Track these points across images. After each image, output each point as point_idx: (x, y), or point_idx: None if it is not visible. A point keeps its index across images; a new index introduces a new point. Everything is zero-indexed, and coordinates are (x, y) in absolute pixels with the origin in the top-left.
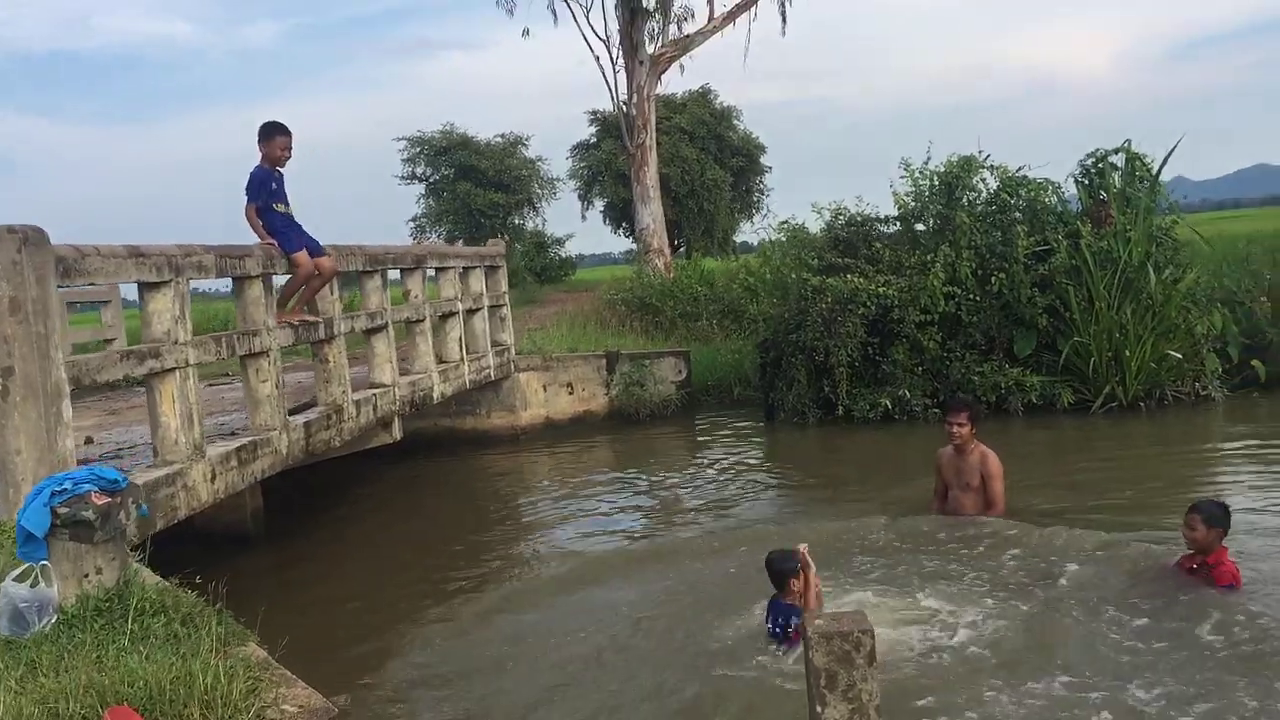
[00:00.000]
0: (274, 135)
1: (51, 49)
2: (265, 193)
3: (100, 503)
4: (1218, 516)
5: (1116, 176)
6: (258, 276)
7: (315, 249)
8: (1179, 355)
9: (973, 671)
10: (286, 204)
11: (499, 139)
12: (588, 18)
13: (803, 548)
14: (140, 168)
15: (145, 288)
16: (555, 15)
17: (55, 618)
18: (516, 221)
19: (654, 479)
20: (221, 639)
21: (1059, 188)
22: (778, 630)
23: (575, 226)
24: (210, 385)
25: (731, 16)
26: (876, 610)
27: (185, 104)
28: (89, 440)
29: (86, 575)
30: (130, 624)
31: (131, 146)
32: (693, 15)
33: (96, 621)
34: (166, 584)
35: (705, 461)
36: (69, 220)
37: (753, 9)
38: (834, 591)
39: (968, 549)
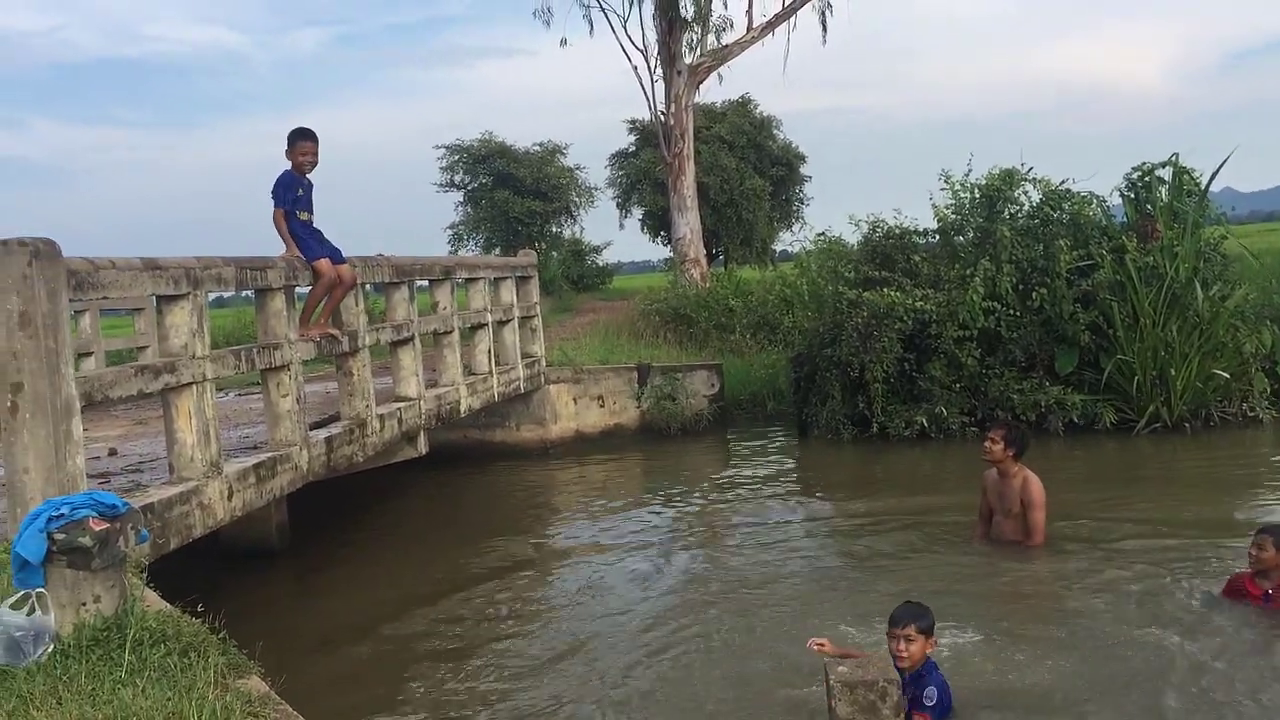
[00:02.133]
0: (299, 141)
1: (100, 57)
2: (291, 198)
3: (98, 528)
4: None
5: (1163, 191)
6: (280, 288)
7: (337, 257)
8: (1226, 375)
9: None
10: (310, 212)
11: (537, 147)
12: (625, 28)
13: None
14: (186, 173)
15: (163, 300)
16: (592, 25)
17: (51, 647)
18: (554, 229)
19: (686, 498)
20: (222, 670)
21: (1104, 201)
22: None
23: (613, 234)
24: (240, 394)
25: (770, 26)
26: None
27: (230, 110)
28: (112, 452)
29: (84, 603)
30: (128, 655)
31: (178, 153)
32: (731, 25)
33: (93, 652)
34: (170, 610)
35: (737, 480)
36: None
37: (792, 19)
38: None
39: (1014, 582)
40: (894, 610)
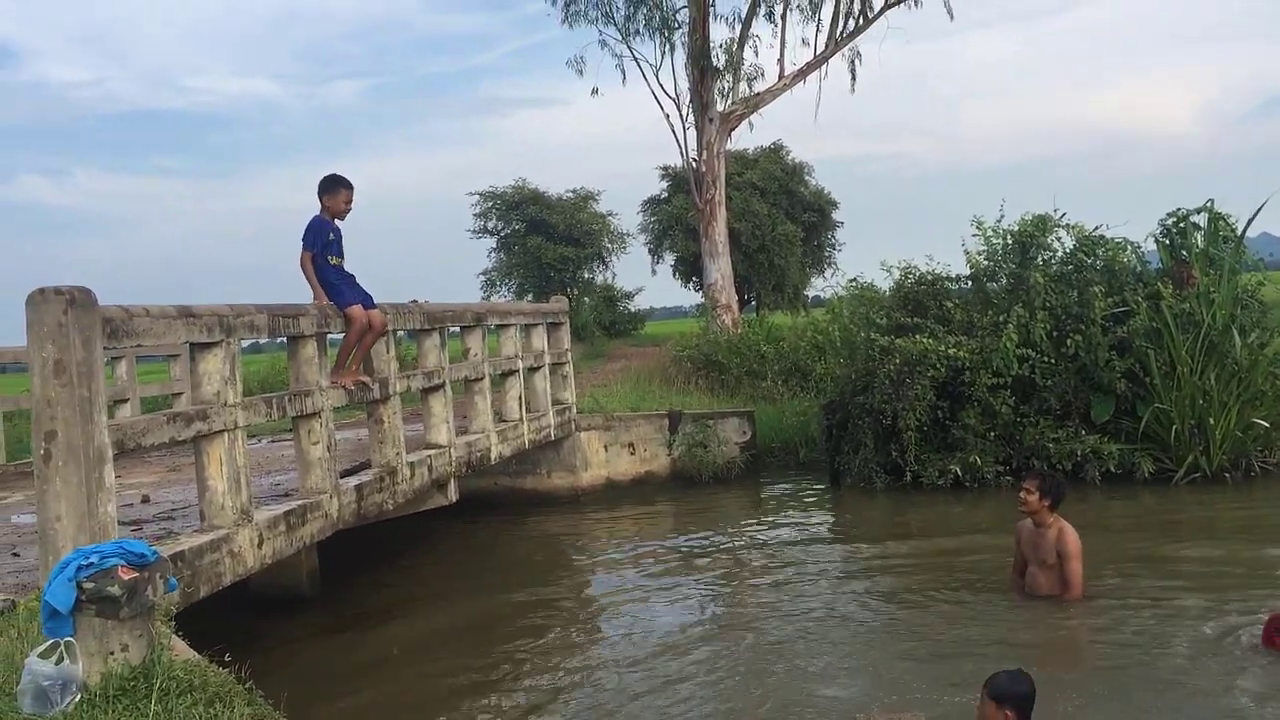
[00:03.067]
0: (338, 188)
1: (141, 109)
2: (322, 243)
3: (127, 577)
4: None
5: (1199, 236)
6: (311, 335)
7: (368, 303)
8: (1266, 424)
9: None
10: (341, 257)
11: (570, 194)
12: (657, 77)
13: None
14: (225, 221)
15: (195, 348)
16: (624, 74)
17: (79, 696)
18: (586, 275)
19: (718, 548)
20: None
21: (1138, 247)
22: None
23: (645, 280)
24: (273, 441)
25: (802, 74)
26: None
27: (268, 159)
28: (145, 499)
29: (112, 652)
30: (154, 705)
31: (217, 201)
32: (763, 74)
33: (120, 701)
34: (197, 660)
35: (770, 528)
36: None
37: (823, 67)
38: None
39: (1050, 636)
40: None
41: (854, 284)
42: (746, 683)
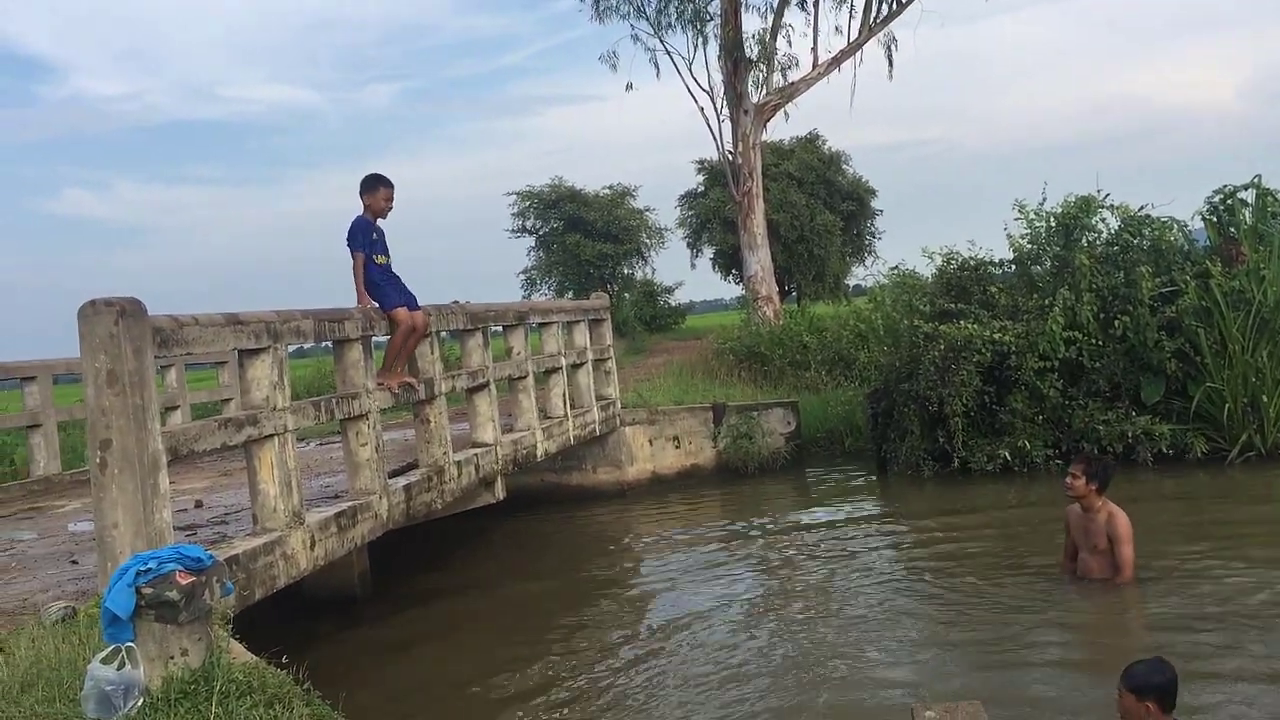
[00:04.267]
0: (378, 187)
1: (178, 119)
2: (367, 242)
3: (185, 582)
4: None
5: (1247, 213)
6: (357, 339)
7: (412, 304)
8: None
9: None
10: (387, 255)
11: (607, 190)
12: (690, 70)
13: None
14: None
15: (244, 354)
16: (658, 68)
17: (141, 701)
18: (626, 271)
19: (767, 539)
20: None
21: (1185, 226)
22: None
23: (685, 274)
24: (321, 444)
25: (836, 62)
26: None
27: (303, 165)
28: (199, 504)
29: (172, 657)
30: (214, 707)
31: (254, 208)
32: (797, 63)
33: (181, 705)
34: (255, 662)
35: (818, 519)
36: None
37: (858, 54)
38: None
39: (1100, 622)
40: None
41: (895, 271)
42: (801, 672)
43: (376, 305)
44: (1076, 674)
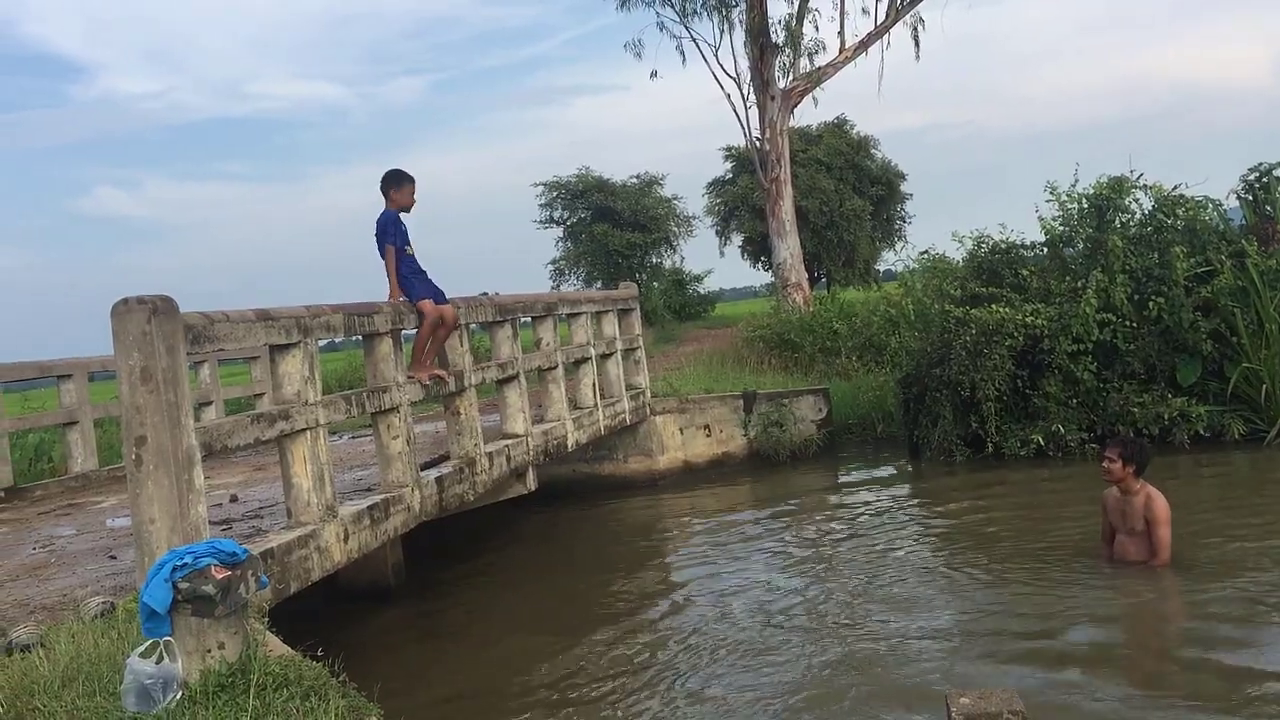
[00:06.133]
0: (404, 183)
1: (207, 116)
2: (399, 235)
3: (220, 576)
4: None
5: None
6: (386, 333)
7: (439, 298)
8: None
9: None
10: (411, 247)
11: (634, 179)
12: (716, 56)
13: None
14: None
15: (275, 350)
16: (684, 56)
17: (180, 694)
18: (654, 260)
19: (801, 526)
20: (343, 713)
21: (1219, 205)
22: None
23: (714, 262)
24: (353, 437)
25: (863, 46)
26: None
27: (331, 160)
28: (234, 499)
29: (209, 650)
30: (252, 699)
31: (283, 203)
32: (823, 47)
33: (219, 697)
34: (291, 654)
35: (851, 506)
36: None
37: (885, 37)
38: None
39: (1138, 607)
40: None
41: (926, 256)
42: (836, 659)
43: (405, 298)
44: (1111, 659)
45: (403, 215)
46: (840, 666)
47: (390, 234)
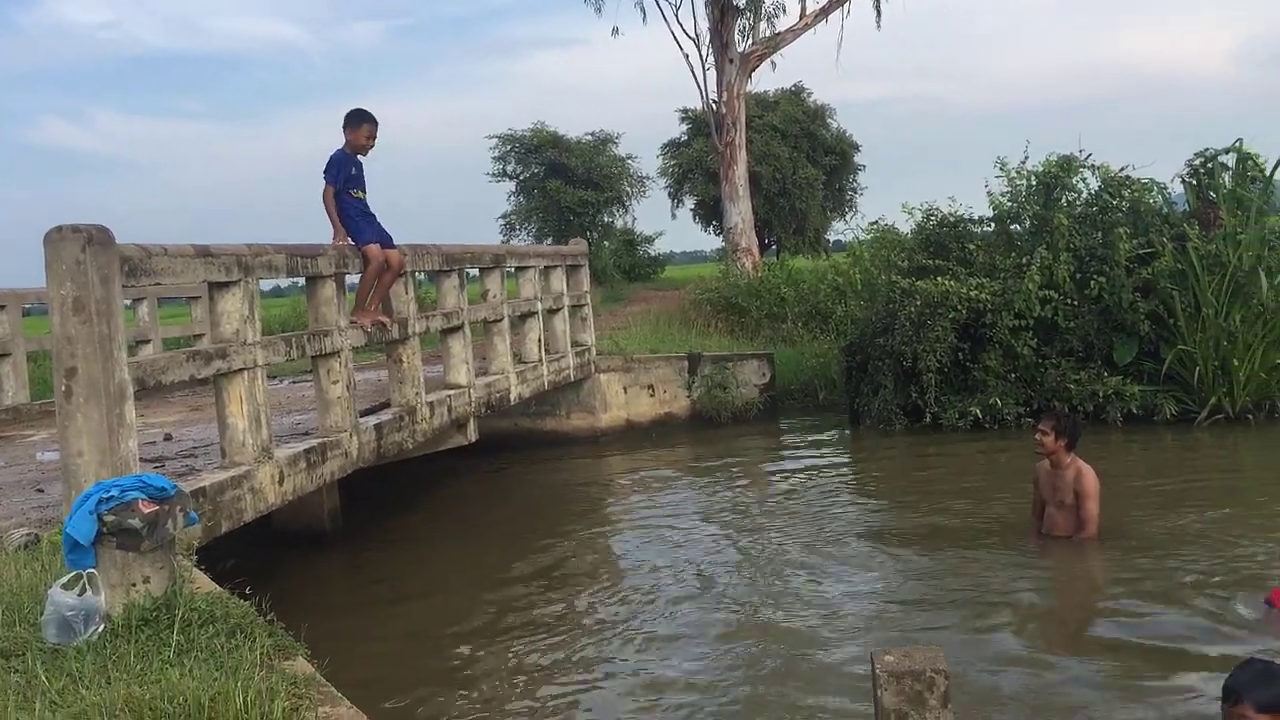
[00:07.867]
0: (362, 123)
1: (160, 50)
2: (344, 177)
3: (148, 511)
4: None
5: (1226, 177)
6: (330, 276)
7: (386, 242)
8: None
9: None
10: (364, 190)
11: (589, 137)
12: (677, 16)
13: None
14: (245, 163)
15: (214, 287)
16: (644, 13)
17: (101, 627)
18: (606, 219)
19: (738, 489)
20: (269, 652)
21: (1165, 189)
22: None
23: (665, 224)
24: (294, 382)
25: (824, 12)
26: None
27: (288, 102)
28: (168, 437)
29: (134, 584)
30: (175, 635)
31: (237, 144)
32: (784, 11)
33: (142, 632)
34: (218, 592)
35: (789, 470)
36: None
37: (846, 4)
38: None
39: (1062, 582)
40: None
41: (875, 227)
42: (763, 621)
43: (350, 242)
44: (1035, 626)
45: (361, 158)
46: (769, 628)
47: (332, 173)
